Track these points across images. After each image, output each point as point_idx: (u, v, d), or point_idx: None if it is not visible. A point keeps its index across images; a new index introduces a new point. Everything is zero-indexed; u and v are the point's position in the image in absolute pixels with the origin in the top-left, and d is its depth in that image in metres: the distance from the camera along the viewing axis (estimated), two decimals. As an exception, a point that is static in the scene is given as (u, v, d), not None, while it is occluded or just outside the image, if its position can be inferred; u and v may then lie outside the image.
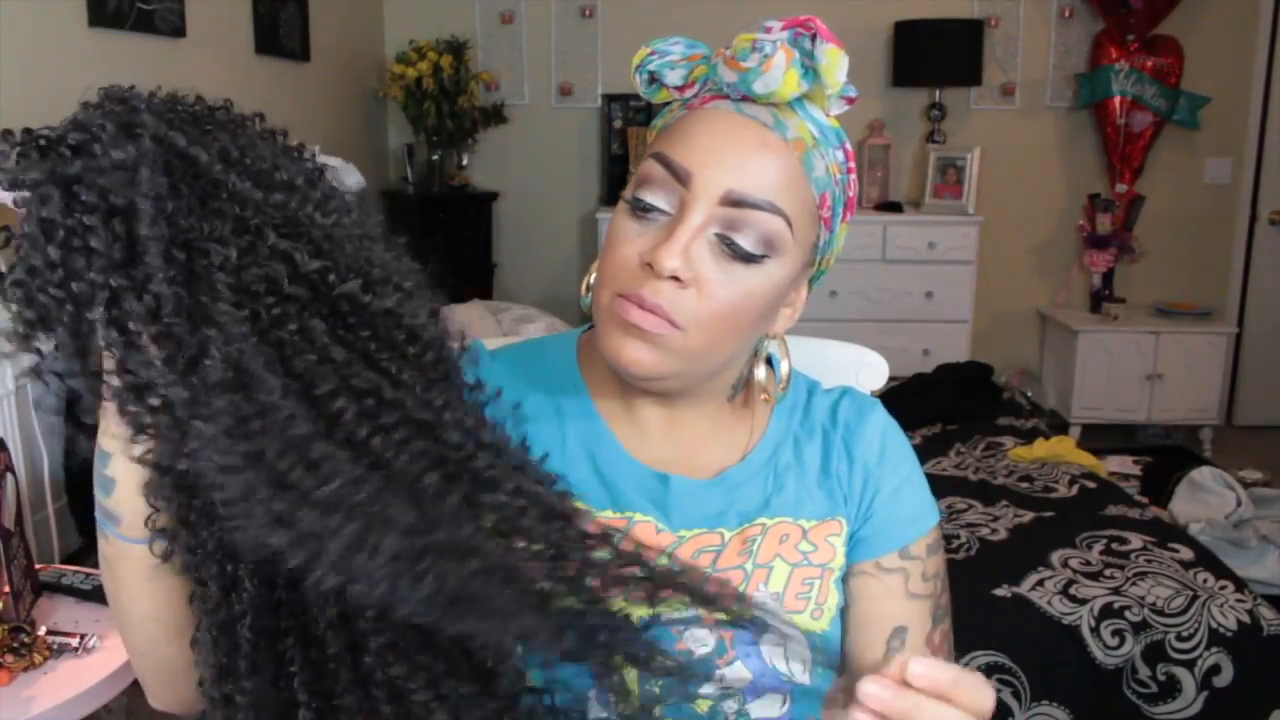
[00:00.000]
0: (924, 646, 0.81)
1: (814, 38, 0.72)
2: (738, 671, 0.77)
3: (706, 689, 0.77)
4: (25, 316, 0.49)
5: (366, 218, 0.56)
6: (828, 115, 0.77)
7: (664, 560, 0.80)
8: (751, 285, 0.74)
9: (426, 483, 0.50)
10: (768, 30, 0.73)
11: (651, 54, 0.79)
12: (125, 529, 0.63)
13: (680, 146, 0.75)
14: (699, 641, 0.77)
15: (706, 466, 0.84)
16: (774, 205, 0.73)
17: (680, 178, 0.73)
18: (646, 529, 0.81)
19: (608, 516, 0.81)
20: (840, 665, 0.84)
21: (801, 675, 0.78)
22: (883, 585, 0.83)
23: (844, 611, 0.84)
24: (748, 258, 0.73)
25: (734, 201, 0.73)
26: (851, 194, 0.80)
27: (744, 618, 0.61)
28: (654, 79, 0.79)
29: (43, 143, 0.49)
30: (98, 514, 0.64)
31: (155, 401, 0.49)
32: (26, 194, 0.48)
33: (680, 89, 0.79)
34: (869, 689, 0.54)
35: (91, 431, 0.63)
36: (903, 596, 0.82)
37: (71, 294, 0.48)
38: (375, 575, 0.47)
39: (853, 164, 0.80)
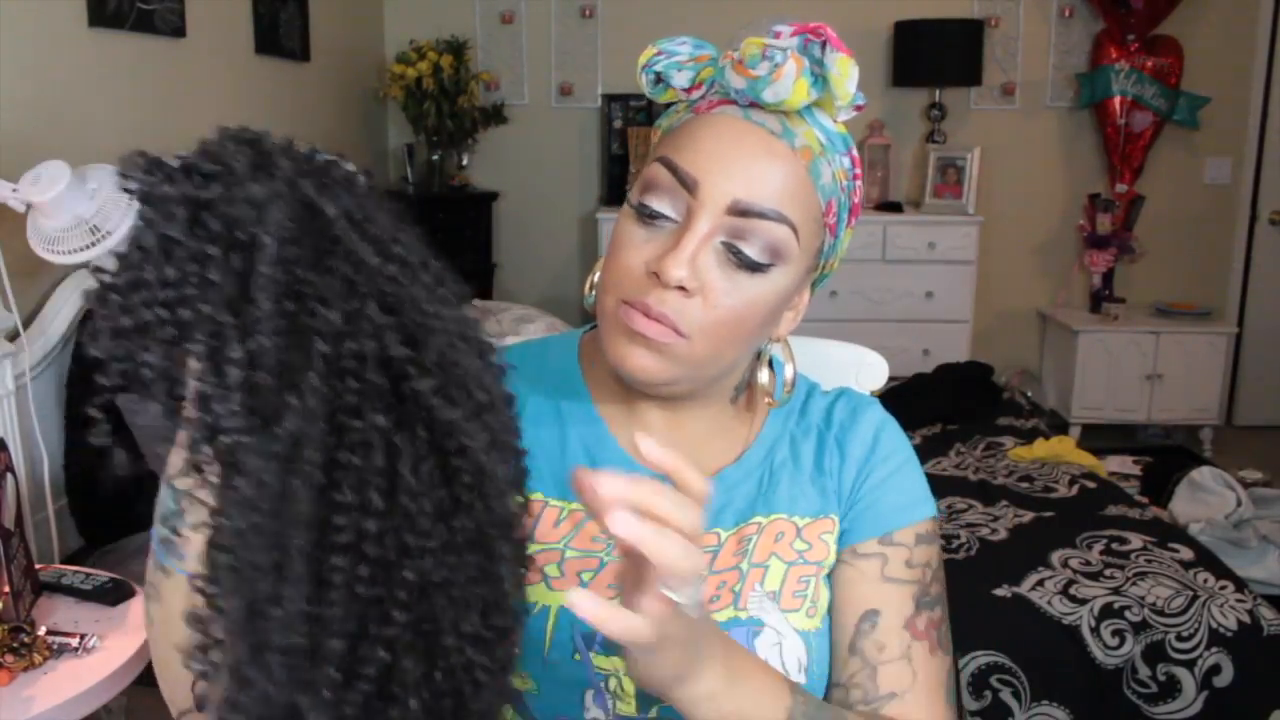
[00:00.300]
0: (903, 630, 0.80)
1: (824, 45, 0.72)
2: None
3: None
4: (120, 324, 0.47)
5: (467, 314, 0.55)
6: (835, 121, 0.77)
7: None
8: (756, 294, 0.74)
9: (333, 647, 0.48)
10: (777, 35, 0.73)
11: (658, 54, 0.78)
12: (190, 564, 0.60)
13: (687, 152, 0.74)
14: None
15: (705, 467, 0.84)
16: (780, 214, 0.73)
17: (687, 185, 0.73)
18: None
19: None
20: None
21: (798, 674, 0.78)
22: (856, 571, 0.82)
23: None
24: (754, 266, 0.73)
25: (740, 211, 0.73)
26: (857, 200, 0.80)
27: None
28: (660, 79, 0.79)
29: (177, 164, 0.48)
30: (157, 546, 0.62)
31: (222, 448, 0.47)
32: (150, 208, 0.48)
33: (687, 90, 0.78)
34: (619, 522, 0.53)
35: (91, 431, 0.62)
36: (876, 580, 0.81)
37: (176, 318, 0.47)
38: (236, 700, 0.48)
39: (859, 170, 0.80)
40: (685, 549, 0.53)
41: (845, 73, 0.72)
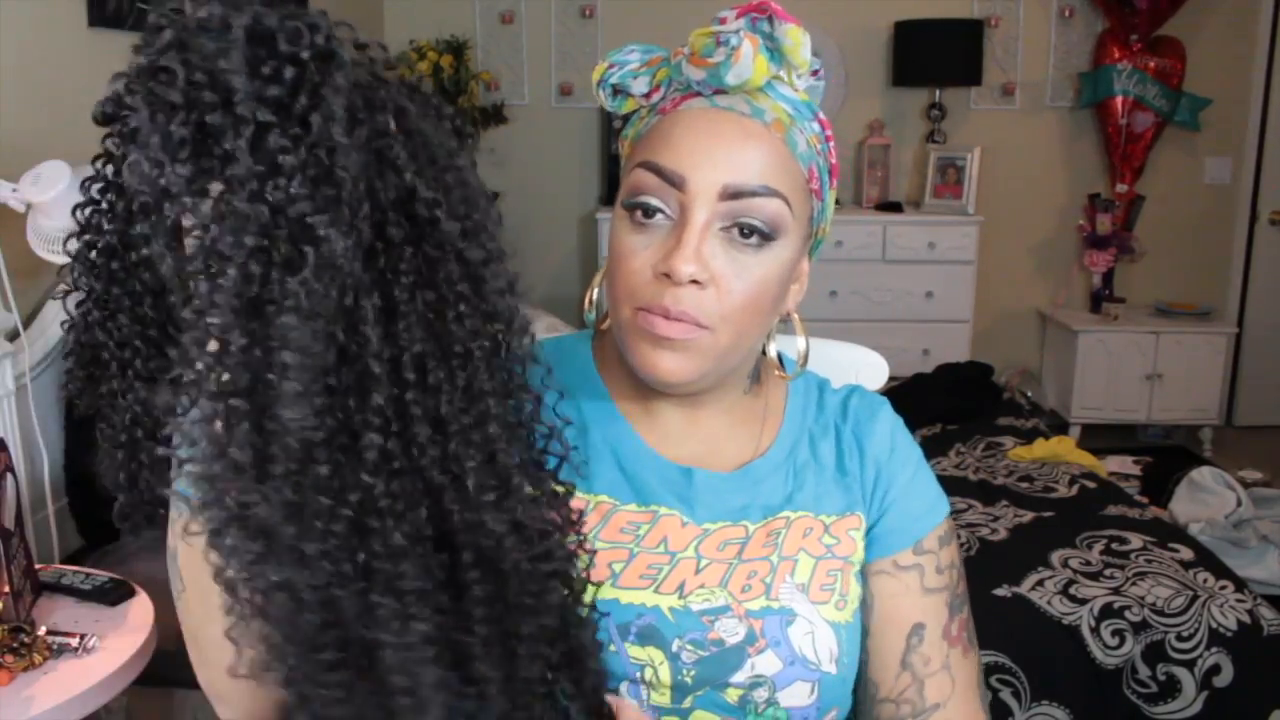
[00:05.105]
0: (942, 641, 0.83)
1: (771, 19, 0.74)
2: (768, 660, 0.78)
3: (737, 677, 0.78)
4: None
5: (471, 169, 0.56)
6: (796, 92, 0.79)
7: (690, 553, 0.81)
8: (764, 272, 0.76)
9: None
10: (723, 21, 0.75)
11: (610, 67, 0.80)
12: None
13: (666, 151, 0.76)
14: (730, 631, 0.78)
15: (727, 460, 0.85)
16: (770, 189, 0.75)
17: (674, 182, 0.75)
18: (672, 522, 0.82)
19: (632, 510, 0.82)
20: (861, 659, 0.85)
21: (829, 665, 0.80)
22: (900, 584, 0.84)
23: (864, 605, 0.85)
24: (757, 244, 0.75)
25: (732, 194, 0.74)
26: (834, 161, 0.82)
27: None
28: (618, 91, 0.81)
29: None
30: (176, 502, 0.57)
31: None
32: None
33: (646, 95, 0.80)
34: None
35: (93, 437, 0.60)
36: (919, 593, 0.84)
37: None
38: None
39: (829, 131, 0.82)
40: None
41: (798, 41, 0.74)
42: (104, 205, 0.54)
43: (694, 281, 0.73)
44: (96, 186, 0.54)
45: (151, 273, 0.53)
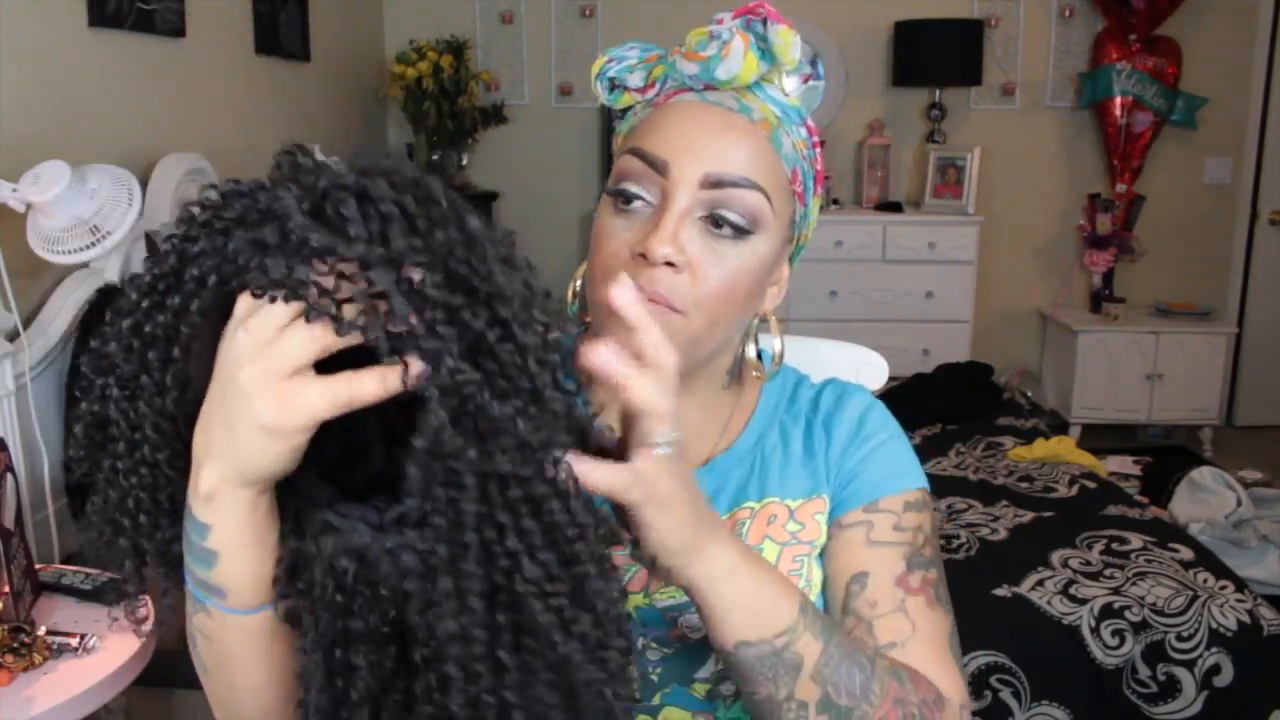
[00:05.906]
0: (894, 587, 0.78)
1: (765, 21, 0.75)
2: None
3: (702, 672, 0.78)
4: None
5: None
6: (787, 96, 0.80)
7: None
8: (740, 263, 0.76)
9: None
10: (719, 22, 0.77)
11: (609, 61, 0.82)
12: (234, 600, 0.56)
13: (653, 139, 0.77)
14: (692, 627, 0.78)
15: (698, 454, 0.85)
16: (751, 181, 0.76)
17: (658, 168, 0.76)
18: None
19: (604, 511, 0.81)
20: None
21: None
22: (843, 541, 0.82)
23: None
24: (735, 233, 0.76)
25: (713, 183, 0.75)
26: (819, 168, 0.83)
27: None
28: (615, 85, 0.82)
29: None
30: (192, 588, 0.57)
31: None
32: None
33: (642, 90, 0.81)
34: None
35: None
36: (862, 546, 0.81)
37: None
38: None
39: (817, 139, 0.82)
40: (661, 387, 0.56)
41: (788, 40, 0.76)
42: (159, 293, 0.53)
43: (670, 265, 0.74)
44: (156, 274, 0.54)
45: (187, 369, 0.54)
